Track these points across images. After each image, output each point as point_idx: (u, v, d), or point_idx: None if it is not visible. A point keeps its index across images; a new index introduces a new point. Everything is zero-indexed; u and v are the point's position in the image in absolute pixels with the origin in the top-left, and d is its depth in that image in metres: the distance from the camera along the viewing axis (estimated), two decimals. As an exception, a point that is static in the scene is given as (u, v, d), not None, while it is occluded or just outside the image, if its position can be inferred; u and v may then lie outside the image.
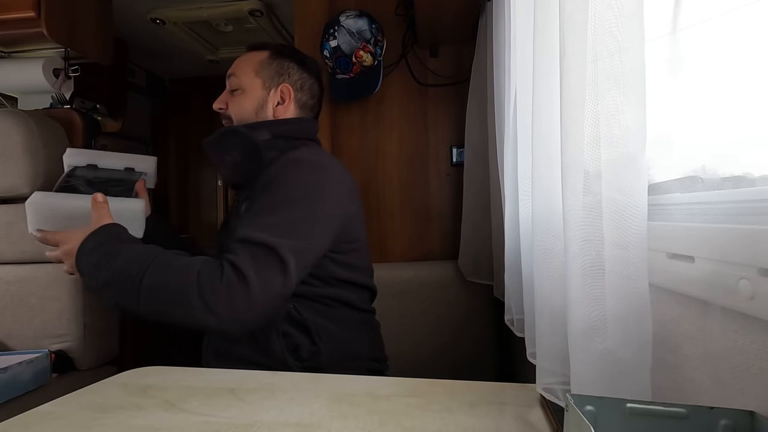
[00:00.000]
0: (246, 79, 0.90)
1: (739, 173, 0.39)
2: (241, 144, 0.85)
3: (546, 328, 0.48)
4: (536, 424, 0.43)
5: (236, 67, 0.91)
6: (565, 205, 0.39)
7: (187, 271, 0.64)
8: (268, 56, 0.92)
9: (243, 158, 0.84)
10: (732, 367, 0.31)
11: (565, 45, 0.39)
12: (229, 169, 0.87)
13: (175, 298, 0.62)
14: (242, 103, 0.90)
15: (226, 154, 0.86)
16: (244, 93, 0.90)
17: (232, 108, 0.90)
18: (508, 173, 0.83)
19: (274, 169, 0.79)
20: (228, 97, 0.91)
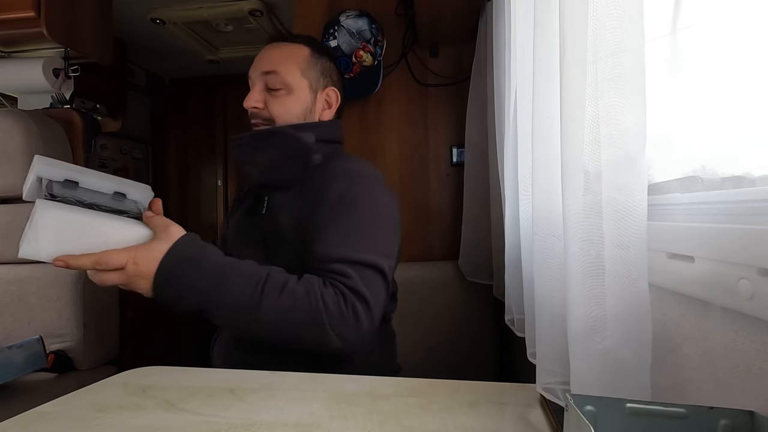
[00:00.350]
0: (292, 79, 0.82)
1: (739, 173, 0.39)
2: (286, 146, 0.80)
3: (546, 328, 0.48)
4: (536, 424, 0.43)
5: (276, 63, 0.82)
6: (565, 205, 0.39)
7: (311, 299, 0.62)
8: (311, 54, 0.85)
9: (286, 160, 0.80)
10: (732, 367, 0.31)
11: (565, 45, 0.39)
12: (263, 170, 0.81)
13: (303, 329, 0.62)
14: (289, 106, 0.82)
15: (263, 155, 0.80)
16: (292, 94, 0.82)
17: (275, 109, 0.81)
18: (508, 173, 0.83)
19: (338, 183, 0.75)
20: (265, 95, 0.82)
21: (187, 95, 2.73)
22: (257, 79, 0.83)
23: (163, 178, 2.75)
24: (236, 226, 0.87)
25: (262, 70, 0.82)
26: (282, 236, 0.77)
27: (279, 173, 0.81)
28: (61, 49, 1.33)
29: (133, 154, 2.58)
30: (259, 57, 0.84)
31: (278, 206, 0.80)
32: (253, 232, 0.82)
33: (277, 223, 0.78)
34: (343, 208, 0.73)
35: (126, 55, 2.24)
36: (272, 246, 0.78)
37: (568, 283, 0.39)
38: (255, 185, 0.86)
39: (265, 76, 0.81)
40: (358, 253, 0.68)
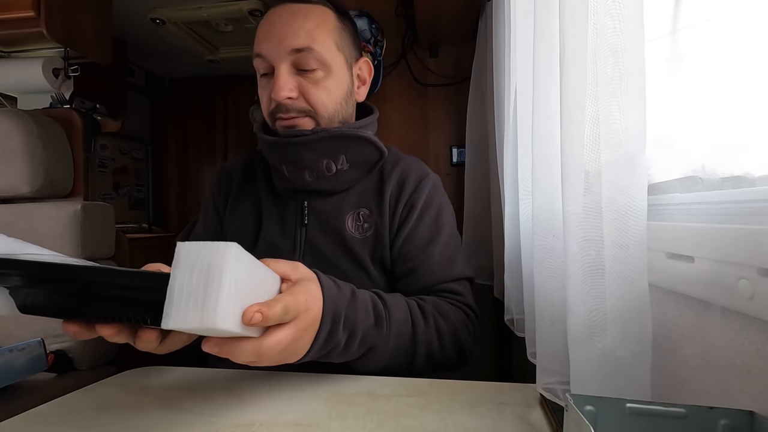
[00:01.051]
0: (329, 56, 0.65)
1: (738, 173, 0.39)
2: (362, 153, 0.69)
3: (546, 328, 0.48)
4: (536, 423, 0.43)
5: (310, 37, 0.63)
6: (565, 205, 0.39)
7: (452, 326, 0.63)
8: (337, 19, 0.68)
9: (351, 167, 0.69)
10: (731, 366, 0.31)
11: (565, 45, 0.39)
12: (320, 175, 0.68)
13: (449, 356, 0.63)
14: (332, 90, 0.66)
15: (327, 160, 0.67)
16: (331, 75, 0.66)
17: (315, 96, 0.65)
18: (508, 173, 0.83)
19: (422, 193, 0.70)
20: (298, 80, 0.65)
21: (187, 95, 2.73)
22: (280, 59, 0.63)
23: (163, 178, 2.75)
24: (270, 236, 0.71)
25: (293, 47, 0.63)
26: (341, 248, 0.68)
27: (339, 180, 0.69)
28: (61, 49, 1.33)
29: (133, 154, 2.58)
30: (276, 28, 0.64)
31: (328, 214, 0.70)
32: (293, 244, 0.70)
33: (331, 234, 0.69)
34: (438, 224, 0.70)
35: (126, 55, 2.24)
36: (322, 258, 0.68)
37: (568, 283, 0.39)
38: (285, 189, 0.72)
39: (295, 54, 0.63)
40: (462, 269, 0.70)
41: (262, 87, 0.69)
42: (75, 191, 1.27)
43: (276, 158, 0.69)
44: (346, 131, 0.67)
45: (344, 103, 0.69)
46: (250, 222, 0.73)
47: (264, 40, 0.65)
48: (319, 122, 0.67)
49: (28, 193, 1.14)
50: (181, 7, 1.84)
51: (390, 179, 0.71)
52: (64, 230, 1.12)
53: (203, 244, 0.32)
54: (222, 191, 0.79)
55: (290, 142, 0.65)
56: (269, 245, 0.70)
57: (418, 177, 0.72)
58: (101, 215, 1.22)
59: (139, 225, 2.48)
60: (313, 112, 0.66)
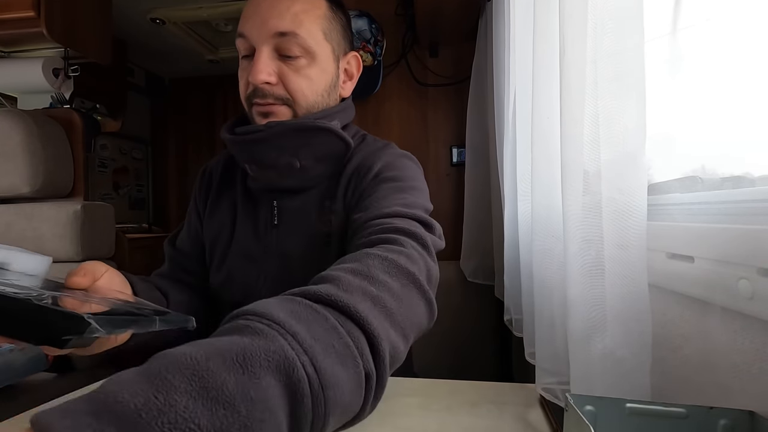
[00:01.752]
0: (315, 43, 0.61)
1: (738, 173, 0.39)
2: (326, 146, 0.63)
3: (545, 328, 0.48)
4: (536, 424, 0.43)
5: (296, 21, 0.59)
6: (564, 204, 0.39)
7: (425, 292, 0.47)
8: (329, 8, 0.64)
9: (319, 163, 0.64)
10: (731, 367, 0.31)
11: (565, 45, 0.39)
12: (285, 173, 0.63)
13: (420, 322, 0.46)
14: (314, 79, 0.62)
15: (289, 156, 0.62)
16: (315, 64, 0.62)
17: (295, 84, 0.61)
18: (507, 173, 0.83)
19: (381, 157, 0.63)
20: (278, 65, 0.61)
21: (187, 95, 2.73)
22: (262, 41, 0.60)
23: (163, 178, 2.75)
24: (244, 240, 0.68)
25: (277, 30, 0.59)
26: (312, 248, 0.63)
27: (304, 177, 0.64)
28: (61, 49, 1.33)
29: (133, 154, 2.58)
30: (262, 8, 0.60)
31: (297, 213, 0.66)
32: (264, 248, 0.66)
33: (302, 233, 0.64)
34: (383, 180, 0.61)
35: (126, 55, 2.24)
36: (295, 260, 0.64)
37: (567, 284, 0.39)
38: (257, 188, 0.68)
39: (278, 38, 0.59)
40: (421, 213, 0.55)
41: (241, 69, 0.65)
42: (75, 191, 1.27)
43: (239, 157, 0.66)
44: (304, 122, 0.61)
45: (326, 95, 0.65)
46: (226, 225, 0.70)
47: (247, 20, 0.62)
48: (297, 112, 0.62)
49: (28, 193, 1.14)
50: (181, 7, 1.84)
51: (351, 162, 0.65)
52: (63, 230, 1.12)
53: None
54: (203, 191, 0.75)
55: (246, 139, 0.62)
56: (242, 249, 0.67)
57: (375, 154, 0.65)
58: (101, 215, 1.22)
59: (139, 225, 2.48)
60: (291, 100, 0.62)
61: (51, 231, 1.12)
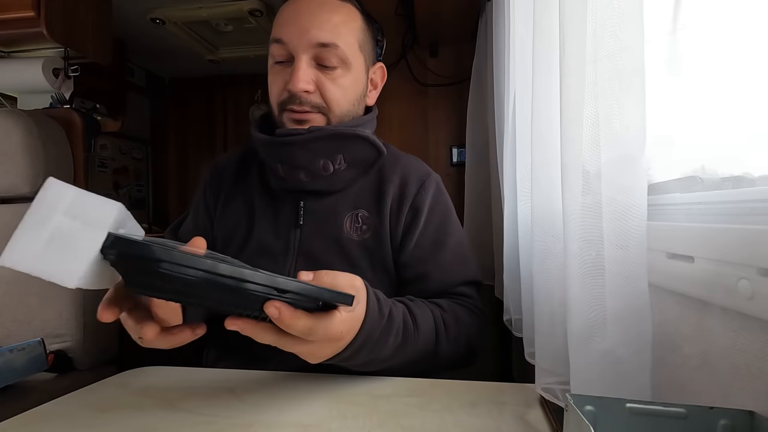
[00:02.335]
0: (351, 54, 0.64)
1: (738, 173, 0.39)
2: (360, 152, 0.67)
3: (545, 328, 0.48)
4: (536, 424, 0.43)
5: (337, 33, 0.62)
6: (564, 205, 0.39)
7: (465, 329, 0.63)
8: (363, 20, 0.68)
9: (348, 167, 0.67)
10: (732, 366, 0.31)
11: (564, 45, 0.39)
12: (316, 175, 0.66)
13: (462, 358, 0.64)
14: (348, 89, 0.66)
15: (324, 159, 0.65)
16: (350, 74, 0.65)
17: (331, 93, 0.64)
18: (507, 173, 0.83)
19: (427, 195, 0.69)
20: (316, 74, 0.63)
21: (187, 95, 2.73)
22: (302, 49, 0.62)
23: (163, 177, 2.75)
24: (263, 237, 0.69)
25: (318, 41, 0.61)
26: (337, 251, 0.66)
27: (333, 180, 0.67)
28: (61, 48, 1.33)
29: (133, 154, 2.58)
30: (303, 17, 0.62)
31: (324, 215, 0.68)
32: (285, 246, 0.68)
33: (327, 236, 0.67)
34: (446, 226, 0.70)
35: (126, 55, 2.24)
36: (322, 263, 0.66)
37: (567, 283, 0.39)
38: (281, 188, 0.70)
39: (319, 48, 0.62)
40: (472, 272, 0.71)
41: (275, 73, 0.66)
42: (75, 191, 1.27)
43: (270, 157, 0.67)
44: (343, 130, 0.65)
45: (356, 104, 0.68)
46: (242, 221, 0.71)
47: (286, 26, 0.63)
48: (330, 120, 0.66)
49: (28, 193, 1.14)
50: (181, 7, 1.84)
51: (390, 181, 0.69)
52: (64, 230, 1.12)
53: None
54: (213, 187, 0.76)
55: (284, 141, 0.63)
56: (261, 246, 0.68)
57: (420, 177, 0.71)
58: (101, 215, 1.22)
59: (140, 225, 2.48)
60: (326, 108, 0.64)
61: (51, 231, 1.11)
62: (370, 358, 0.50)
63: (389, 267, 0.68)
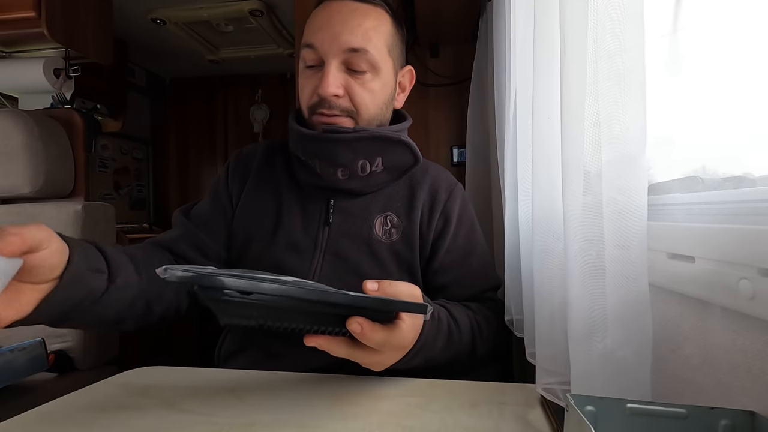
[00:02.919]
0: (381, 58, 0.65)
1: (739, 173, 0.39)
2: (399, 156, 0.69)
3: (546, 328, 0.48)
4: (536, 424, 0.43)
5: (367, 38, 0.63)
6: (565, 205, 0.39)
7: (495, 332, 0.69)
8: (393, 24, 0.68)
9: (384, 170, 0.69)
10: (732, 367, 0.31)
11: (565, 45, 0.39)
12: (352, 175, 0.67)
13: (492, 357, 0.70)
14: (377, 93, 0.66)
15: (362, 160, 0.66)
16: (379, 78, 0.66)
17: (361, 97, 0.65)
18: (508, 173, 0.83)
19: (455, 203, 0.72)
20: (346, 78, 0.64)
21: (188, 95, 2.74)
22: (333, 55, 0.63)
23: (163, 177, 2.75)
24: (291, 231, 0.69)
25: (349, 46, 0.62)
26: (366, 251, 0.68)
27: (367, 181, 0.68)
28: (62, 49, 1.33)
29: (134, 154, 2.59)
30: (334, 22, 0.63)
31: (354, 215, 0.69)
32: (314, 243, 0.68)
33: (356, 236, 0.68)
34: (473, 235, 0.74)
35: (126, 55, 2.24)
36: (351, 263, 0.67)
37: (568, 283, 0.39)
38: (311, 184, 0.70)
39: (348, 53, 0.63)
40: (496, 277, 0.75)
41: (306, 78, 0.67)
42: (76, 191, 1.28)
43: (308, 152, 0.67)
44: (389, 134, 0.66)
45: (384, 108, 0.69)
46: (270, 213, 0.71)
47: (317, 32, 0.64)
48: (359, 123, 0.67)
49: (29, 194, 1.14)
50: (182, 7, 1.85)
51: (421, 187, 0.71)
52: (64, 230, 1.11)
53: None
54: (238, 174, 0.75)
55: (330, 138, 0.64)
56: (289, 241, 0.68)
57: (449, 187, 0.74)
58: (102, 215, 1.22)
59: (140, 225, 2.48)
60: (355, 112, 0.65)
61: (52, 231, 1.11)
62: (425, 359, 0.53)
63: (416, 272, 0.70)
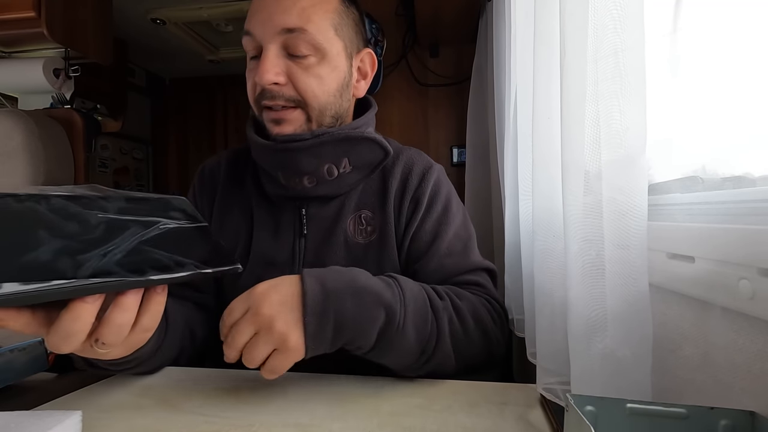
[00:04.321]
0: (325, 40, 0.58)
1: (739, 173, 0.39)
2: (367, 154, 0.64)
3: (546, 328, 0.48)
4: (536, 424, 0.43)
5: (304, 16, 0.56)
6: (565, 205, 0.39)
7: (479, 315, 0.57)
8: (340, 2, 0.61)
9: (353, 170, 0.64)
10: (732, 367, 0.31)
11: (565, 45, 0.39)
12: (320, 181, 0.62)
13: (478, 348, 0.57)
14: (325, 78, 0.59)
15: (328, 163, 0.61)
16: (325, 62, 0.59)
17: (305, 84, 0.58)
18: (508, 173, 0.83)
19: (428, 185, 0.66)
20: (286, 64, 0.58)
21: (187, 95, 2.74)
22: (269, 38, 0.56)
23: (164, 177, 2.75)
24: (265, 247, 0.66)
25: (283, 26, 0.56)
26: (345, 257, 0.64)
27: (337, 184, 0.64)
28: (62, 49, 1.34)
29: (134, 154, 2.59)
30: (267, 4, 0.57)
31: (328, 221, 0.65)
32: (291, 255, 0.65)
33: (333, 242, 0.64)
34: (446, 216, 0.66)
35: (126, 55, 2.24)
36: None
37: (568, 283, 0.39)
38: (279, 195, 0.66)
39: (285, 35, 0.56)
40: (476, 260, 0.66)
41: (249, 70, 0.61)
42: (75, 191, 1.27)
43: (269, 164, 0.62)
44: (351, 133, 0.61)
45: (338, 95, 0.62)
46: (242, 232, 0.67)
47: (253, 16, 0.58)
48: (310, 114, 0.60)
49: (28, 193, 1.14)
50: (182, 7, 1.84)
51: (393, 176, 0.66)
52: (64, 230, 1.12)
53: None
54: (205, 194, 0.71)
55: (288, 147, 0.59)
56: (264, 258, 0.65)
57: (422, 170, 0.68)
58: (102, 215, 1.22)
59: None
60: (302, 102, 0.59)
61: (51, 231, 1.11)
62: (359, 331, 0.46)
63: (397, 267, 0.65)
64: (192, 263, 0.37)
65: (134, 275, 0.33)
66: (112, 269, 0.32)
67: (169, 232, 0.37)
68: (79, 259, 0.30)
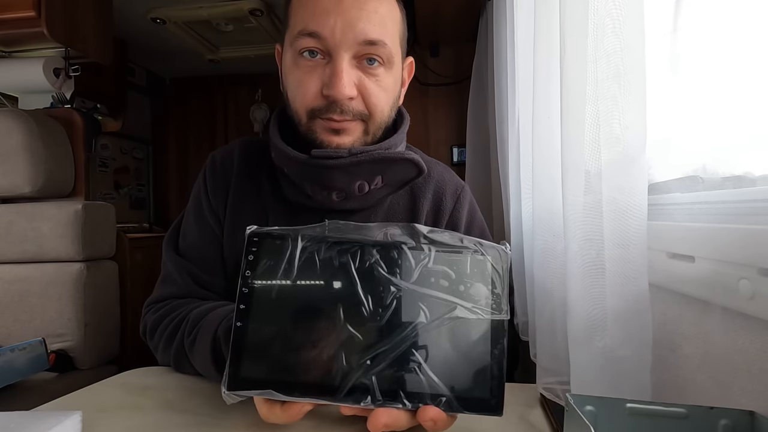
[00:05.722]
0: (396, 51, 0.55)
1: (739, 173, 0.39)
2: (400, 173, 0.59)
3: (546, 328, 0.48)
4: (536, 424, 0.43)
5: (381, 25, 0.52)
6: (565, 204, 0.39)
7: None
8: (401, 9, 0.58)
9: (384, 186, 0.60)
10: (732, 366, 0.31)
11: (565, 45, 0.39)
12: (349, 196, 0.58)
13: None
14: (390, 90, 0.56)
15: (361, 181, 0.57)
16: (391, 72, 0.55)
17: (376, 97, 0.54)
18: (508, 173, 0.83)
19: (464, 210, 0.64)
20: (358, 75, 0.53)
21: (188, 95, 2.74)
22: (347, 47, 0.51)
23: (164, 177, 2.75)
24: None
25: (366, 37, 0.51)
26: None
27: (365, 199, 0.60)
28: (62, 48, 1.33)
29: (134, 154, 2.59)
30: (343, 6, 0.51)
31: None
32: None
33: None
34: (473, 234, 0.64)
35: (126, 54, 2.24)
36: None
37: (568, 283, 0.39)
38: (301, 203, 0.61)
39: (365, 46, 0.51)
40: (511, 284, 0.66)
41: (304, 72, 0.53)
42: (76, 191, 1.28)
43: (298, 175, 0.58)
44: (390, 155, 0.57)
45: (394, 107, 0.59)
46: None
47: (323, 16, 0.50)
48: (369, 127, 0.57)
49: (29, 193, 1.14)
50: (182, 6, 1.84)
51: (424, 195, 0.64)
52: (64, 230, 1.12)
53: None
54: (218, 187, 0.65)
55: (325, 165, 0.54)
56: None
57: (455, 191, 0.66)
58: (102, 215, 1.22)
59: (140, 225, 2.48)
60: (368, 116, 0.55)
61: (52, 230, 1.12)
62: None
63: None
64: (448, 396, 0.29)
65: (387, 399, 0.29)
66: (368, 384, 0.29)
67: (458, 326, 0.28)
68: (345, 368, 0.29)
